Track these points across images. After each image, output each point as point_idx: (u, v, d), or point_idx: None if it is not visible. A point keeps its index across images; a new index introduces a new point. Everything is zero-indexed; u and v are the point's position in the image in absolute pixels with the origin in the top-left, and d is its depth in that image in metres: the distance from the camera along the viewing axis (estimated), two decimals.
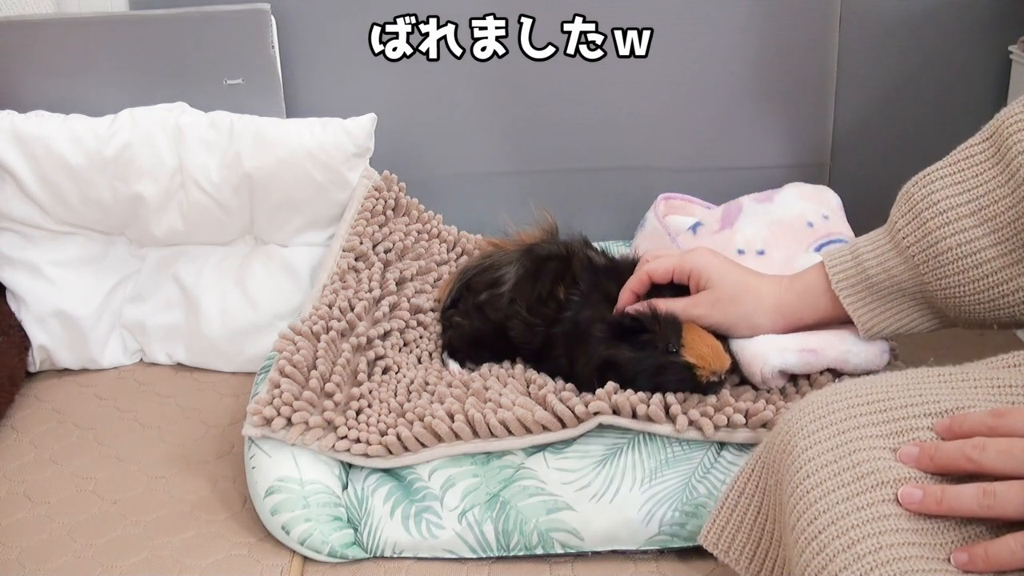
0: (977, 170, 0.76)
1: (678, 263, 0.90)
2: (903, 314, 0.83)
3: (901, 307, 0.82)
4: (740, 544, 0.72)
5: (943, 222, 0.76)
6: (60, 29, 1.19)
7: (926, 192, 0.78)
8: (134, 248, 1.22)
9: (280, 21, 1.22)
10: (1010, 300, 0.76)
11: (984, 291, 0.77)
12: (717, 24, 1.26)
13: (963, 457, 0.58)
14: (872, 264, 0.82)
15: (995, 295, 0.76)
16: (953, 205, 0.76)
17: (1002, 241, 0.75)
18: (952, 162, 0.78)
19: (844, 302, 0.83)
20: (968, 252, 0.76)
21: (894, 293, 0.82)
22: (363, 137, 1.18)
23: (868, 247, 0.83)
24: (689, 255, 0.90)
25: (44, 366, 1.17)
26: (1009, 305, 0.77)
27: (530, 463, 0.86)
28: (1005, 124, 0.75)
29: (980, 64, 1.29)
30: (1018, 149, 0.73)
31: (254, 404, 0.87)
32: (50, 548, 0.86)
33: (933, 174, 0.78)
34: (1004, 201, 0.74)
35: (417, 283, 1.13)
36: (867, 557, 0.55)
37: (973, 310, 0.78)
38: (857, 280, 0.83)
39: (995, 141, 0.75)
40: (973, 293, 0.77)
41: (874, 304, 0.83)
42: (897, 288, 0.81)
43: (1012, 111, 0.74)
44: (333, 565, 0.84)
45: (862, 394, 0.65)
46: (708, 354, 0.85)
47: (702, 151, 1.33)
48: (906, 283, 0.81)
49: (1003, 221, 0.74)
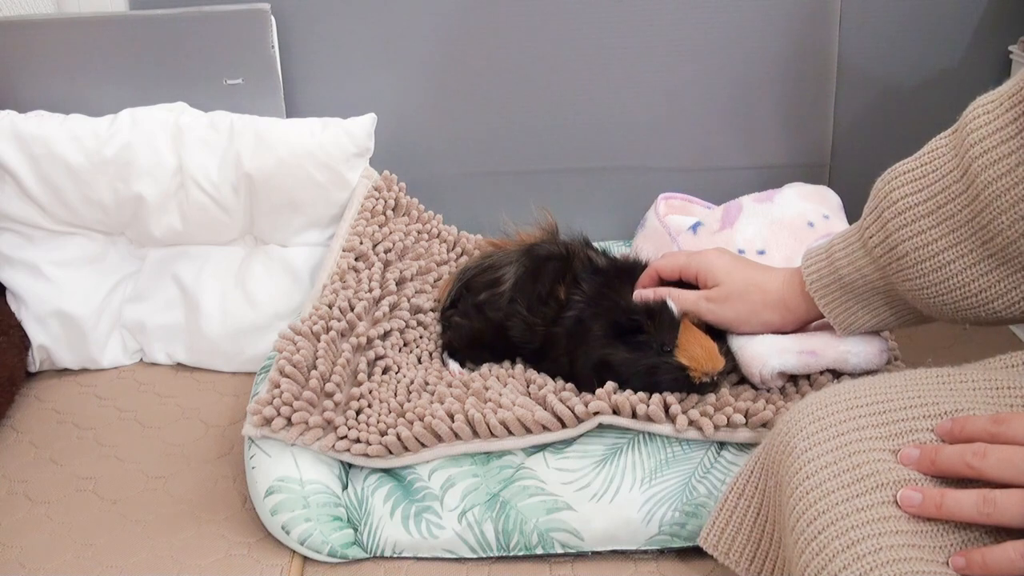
0: (938, 164, 0.73)
1: (686, 262, 0.90)
2: (878, 311, 0.81)
3: (875, 304, 0.81)
4: (740, 546, 0.72)
5: (902, 223, 0.74)
6: (60, 29, 1.19)
7: (888, 190, 0.75)
8: (134, 248, 1.22)
9: (280, 21, 1.22)
10: (975, 300, 0.73)
11: (947, 292, 0.73)
12: (717, 24, 1.26)
13: (963, 463, 0.58)
14: (844, 264, 0.80)
15: (959, 296, 0.73)
16: (911, 204, 0.73)
17: (960, 241, 0.71)
18: (917, 156, 0.75)
19: (818, 303, 0.83)
20: (927, 255, 0.73)
21: (867, 291, 0.80)
22: (363, 137, 1.18)
23: (840, 246, 0.81)
24: (697, 255, 0.90)
25: (44, 366, 1.17)
26: (974, 305, 0.73)
27: (530, 463, 0.86)
28: (967, 118, 0.71)
29: (980, 64, 1.29)
30: (972, 140, 0.69)
31: (254, 404, 0.87)
32: (50, 548, 0.86)
33: (898, 169, 0.75)
34: (960, 199, 0.71)
35: (417, 283, 1.13)
36: (867, 557, 0.55)
37: (940, 310, 0.75)
38: (830, 280, 0.82)
39: (958, 135, 0.72)
40: (937, 295, 0.74)
41: (848, 303, 0.82)
42: (869, 286, 0.80)
43: (976, 103, 0.70)
44: (333, 565, 0.84)
45: (861, 395, 0.65)
46: (701, 355, 0.85)
47: (702, 151, 1.33)
48: (877, 282, 0.79)
49: (960, 220, 0.71)
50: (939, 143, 0.74)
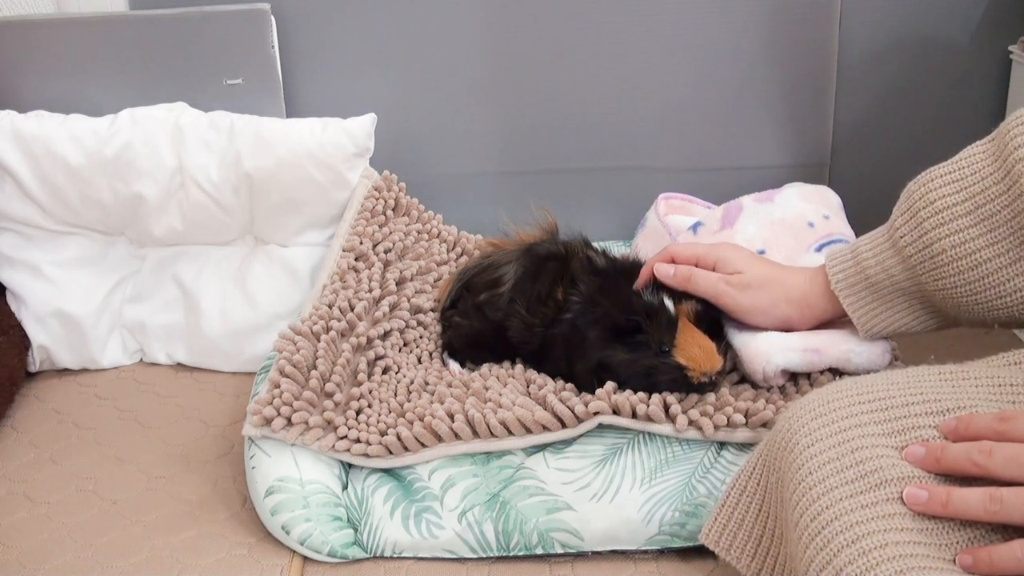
0: (976, 168, 0.75)
1: (704, 252, 0.90)
2: (903, 314, 0.82)
3: (901, 307, 0.82)
4: (742, 542, 0.72)
5: (939, 222, 0.75)
6: (60, 29, 1.20)
7: (924, 191, 0.77)
8: (134, 248, 1.22)
9: (280, 21, 1.23)
10: (1009, 300, 0.75)
11: (982, 291, 0.75)
12: (717, 24, 1.26)
13: (969, 462, 0.58)
14: (871, 264, 0.81)
15: (993, 295, 0.75)
16: (949, 204, 0.75)
17: (998, 240, 0.74)
18: (954, 161, 0.77)
19: (844, 302, 0.83)
20: (964, 253, 0.75)
21: (893, 293, 0.81)
22: (363, 137, 1.18)
23: (867, 247, 0.82)
24: (716, 246, 0.90)
25: (44, 366, 1.16)
26: (1008, 305, 0.75)
27: (530, 463, 0.86)
28: (1009, 125, 0.74)
29: (980, 64, 1.29)
30: (1015, 145, 0.72)
31: (254, 404, 0.87)
32: (50, 548, 0.86)
33: (933, 172, 0.77)
34: (1000, 199, 0.73)
35: (417, 283, 1.13)
36: (872, 553, 0.55)
37: (972, 310, 0.77)
38: (856, 280, 0.83)
39: (997, 141, 0.75)
40: (971, 294, 0.76)
41: (874, 304, 0.83)
42: (896, 288, 0.81)
43: (1019, 113, 0.73)
44: (333, 565, 0.84)
45: (863, 392, 0.65)
46: (699, 355, 0.85)
47: (702, 151, 1.33)
48: (904, 283, 0.80)
49: (999, 220, 0.73)
50: (976, 149, 0.76)
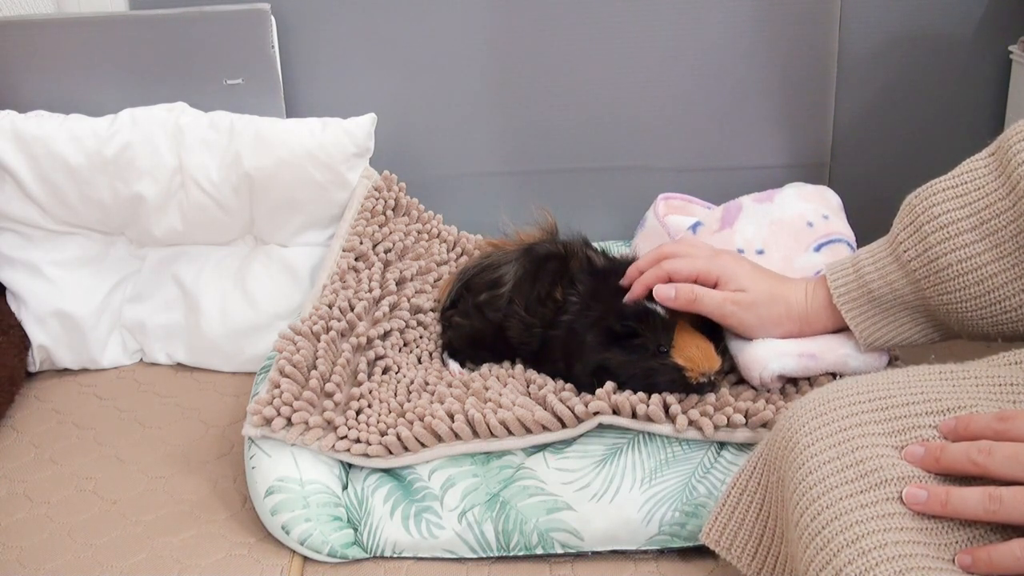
0: (979, 183, 0.75)
1: (704, 268, 0.87)
2: (904, 326, 0.82)
3: (903, 319, 0.82)
4: (742, 541, 0.72)
5: (944, 237, 0.75)
6: (60, 29, 1.20)
7: (927, 205, 0.76)
8: (134, 248, 1.22)
9: (280, 21, 1.22)
10: (1014, 315, 0.75)
11: (987, 306, 0.75)
12: (717, 24, 1.26)
13: (969, 461, 0.58)
14: (874, 277, 0.81)
15: (998, 310, 0.75)
16: (954, 219, 0.75)
17: (1004, 256, 0.73)
18: (955, 175, 0.77)
19: (846, 316, 0.83)
20: (970, 268, 0.74)
21: (896, 305, 0.81)
22: (363, 137, 1.18)
23: (869, 260, 0.82)
24: (717, 260, 0.88)
25: (44, 366, 1.17)
26: (1013, 320, 0.75)
27: (530, 463, 0.86)
28: (1009, 138, 0.73)
29: (980, 64, 1.29)
30: (1019, 160, 0.71)
31: (254, 404, 0.87)
32: (50, 548, 0.86)
33: (935, 186, 0.77)
34: (1006, 215, 0.73)
35: (417, 283, 1.13)
36: (872, 553, 0.55)
37: (976, 324, 0.77)
38: (859, 293, 0.82)
39: (999, 156, 0.74)
40: (976, 308, 0.76)
41: (876, 317, 0.82)
42: (899, 301, 0.81)
43: (1018, 126, 0.73)
44: (333, 565, 0.84)
45: (863, 391, 0.65)
46: (697, 356, 0.85)
47: (702, 151, 1.33)
48: (907, 296, 0.80)
49: (1005, 235, 0.73)
50: (978, 163, 0.76)
